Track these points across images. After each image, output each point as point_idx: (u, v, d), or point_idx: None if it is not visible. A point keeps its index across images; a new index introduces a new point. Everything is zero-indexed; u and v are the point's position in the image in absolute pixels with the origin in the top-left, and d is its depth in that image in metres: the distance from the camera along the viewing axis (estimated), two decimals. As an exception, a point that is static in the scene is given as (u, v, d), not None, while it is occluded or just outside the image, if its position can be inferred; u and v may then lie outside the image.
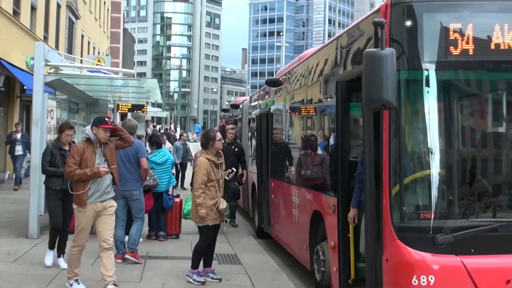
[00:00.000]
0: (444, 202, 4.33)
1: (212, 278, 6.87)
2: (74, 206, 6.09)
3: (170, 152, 11.61)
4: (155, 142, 9.57)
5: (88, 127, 6.17)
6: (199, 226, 6.77)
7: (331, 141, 6.14)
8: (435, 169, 4.33)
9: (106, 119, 6.18)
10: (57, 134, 7.47)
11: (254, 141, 11.52)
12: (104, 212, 6.06)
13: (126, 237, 8.13)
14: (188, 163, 17.76)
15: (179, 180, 17.55)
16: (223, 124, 16.97)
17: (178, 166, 17.52)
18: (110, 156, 6.13)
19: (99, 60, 20.96)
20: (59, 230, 7.23)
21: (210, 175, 6.61)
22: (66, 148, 7.23)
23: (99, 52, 33.96)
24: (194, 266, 6.79)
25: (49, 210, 7.44)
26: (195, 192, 6.63)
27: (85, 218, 6.02)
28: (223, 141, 7.24)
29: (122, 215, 7.85)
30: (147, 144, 10.05)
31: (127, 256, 7.73)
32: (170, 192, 9.74)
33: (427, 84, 4.32)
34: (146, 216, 8.79)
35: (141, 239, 8.76)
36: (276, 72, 12.31)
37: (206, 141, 6.81)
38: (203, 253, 6.84)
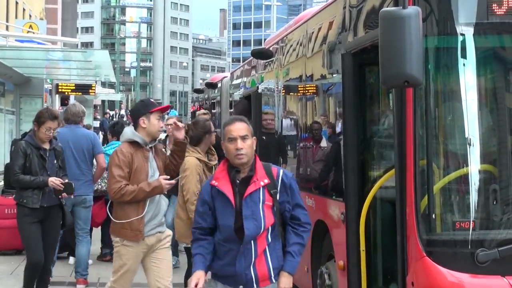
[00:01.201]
0: (487, 208, 4.35)
1: None
2: (116, 238, 5.58)
3: None
4: (119, 132, 9.61)
5: (129, 129, 5.71)
6: (189, 247, 6.20)
7: (338, 131, 6.15)
8: (475, 165, 4.35)
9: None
10: (32, 127, 6.92)
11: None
12: (158, 246, 5.67)
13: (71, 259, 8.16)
14: None
15: None
16: (195, 109, 16.96)
17: None
18: (160, 162, 5.74)
19: (30, 26, 20.84)
20: (38, 268, 6.72)
21: (202, 182, 6.03)
22: (46, 147, 6.79)
23: (30, 16, 33.71)
24: None
25: (22, 238, 6.82)
26: (190, 205, 6.15)
27: (134, 256, 5.56)
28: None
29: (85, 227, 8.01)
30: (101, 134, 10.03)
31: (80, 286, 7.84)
32: None
33: (464, 54, 4.33)
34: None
35: (90, 261, 8.80)
36: (265, 40, 12.34)
37: (200, 134, 6.40)
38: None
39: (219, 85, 14.49)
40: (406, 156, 4.37)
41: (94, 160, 8.65)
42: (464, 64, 4.35)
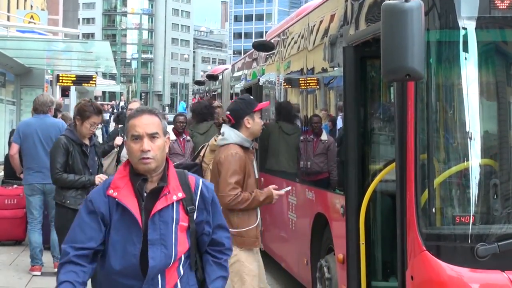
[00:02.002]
0: (487, 202, 4.35)
1: None
2: (237, 249, 5.24)
3: None
4: (123, 121, 9.70)
5: (233, 131, 5.38)
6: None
7: (339, 124, 6.14)
8: (475, 159, 4.35)
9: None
10: (74, 121, 6.48)
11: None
12: (257, 250, 5.54)
13: None
14: None
15: None
16: (196, 101, 16.90)
17: None
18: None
19: (32, 17, 20.79)
20: None
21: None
22: (87, 143, 6.41)
23: (31, 6, 33.65)
24: None
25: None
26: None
27: (253, 260, 5.41)
28: None
29: (39, 216, 8.09)
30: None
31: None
32: None
33: (465, 48, 4.33)
34: None
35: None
36: (266, 32, 12.31)
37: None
38: None
39: (220, 77, 14.47)
40: (407, 150, 4.37)
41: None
42: (465, 58, 4.34)
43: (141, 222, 3.08)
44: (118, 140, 7.69)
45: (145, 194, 3.14)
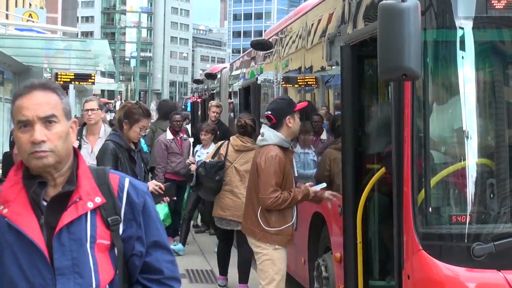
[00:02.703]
0: (483, 202, 4.36)
1: None
2: (265, 245, 5.38)
3: None
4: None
5: (273, 132, 5.35)
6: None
7: (336, 123, 6.14)
8: (472, 159, 4.35)
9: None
10: (120, 125, 5.92)
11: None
12: None
13: None
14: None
15: None
16: (192, 101, 16.87)
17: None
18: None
19: (30, 15, 20.80)
20: None
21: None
22: (133, 148, 5.91)
23: (30, 4, 33.64)
24: None
25: None
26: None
27: (285, 262, 5.57)
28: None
29: None
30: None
31: None
32: None
33: (462, 48, 4.33)
34: None
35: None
36: (265, 31, 12.30)
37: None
38: None
39: (218, 75, 14.45)
40: (404, 149, 4.37)
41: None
42: (462, 58, 4.35)
43: (43, 245, 2.19)
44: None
45: (44, 204, 2.25)
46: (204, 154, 8.81)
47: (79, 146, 6.30)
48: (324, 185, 5.69)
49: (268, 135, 5.42)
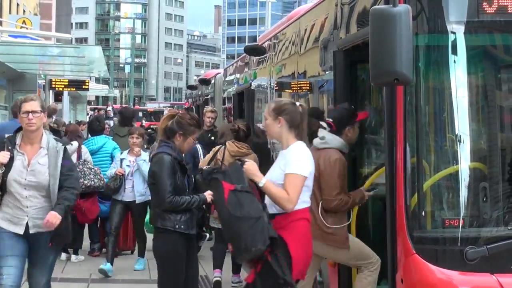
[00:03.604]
0: (476, 205, 4.36)
1: None
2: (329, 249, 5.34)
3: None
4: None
5: (337, 138, 5.34)
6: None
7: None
8: (464, 163, 4.35)
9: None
10: (173, 136, 5.64)
11: (230, 128, 11.53)
12: None
13: None
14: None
15: None
16: (188, 106, 16.88)
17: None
18: None
19: (24, 22, 20.78)
20: None
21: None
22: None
23: (24, 11, 33.62)
24: None
25: (168, 275, 5.59)
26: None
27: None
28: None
29: None
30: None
31: None
32: None
33: (454, 52, 4.34)
34: None
35: (82, 257, 8.86)
36: (259, 36, 12.33)
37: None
38: None
39: (212, 81, 14.47)
40: (396, 153, 4.38)
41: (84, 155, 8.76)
42: (454, 62, 4.35)
43: None
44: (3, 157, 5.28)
45: None
46: (131, 162, 8.42)
47: (11, 158, 5.19)
48: (376, 189, 5.63)
49: (330, 138, 5.42)
